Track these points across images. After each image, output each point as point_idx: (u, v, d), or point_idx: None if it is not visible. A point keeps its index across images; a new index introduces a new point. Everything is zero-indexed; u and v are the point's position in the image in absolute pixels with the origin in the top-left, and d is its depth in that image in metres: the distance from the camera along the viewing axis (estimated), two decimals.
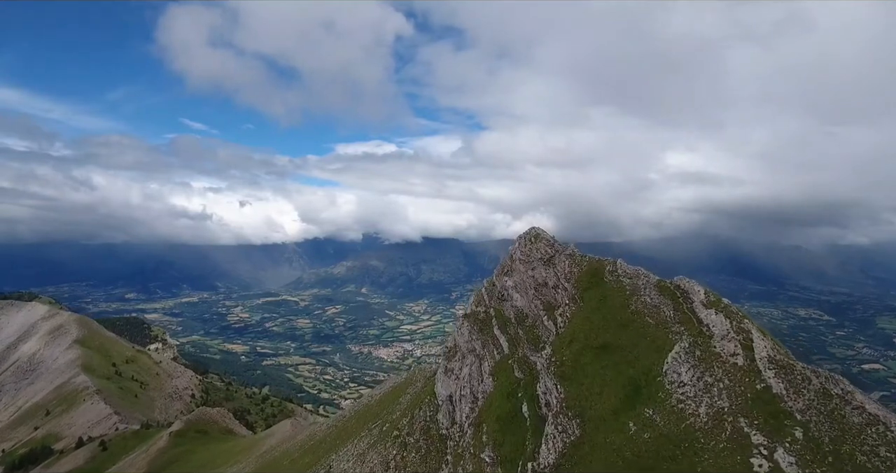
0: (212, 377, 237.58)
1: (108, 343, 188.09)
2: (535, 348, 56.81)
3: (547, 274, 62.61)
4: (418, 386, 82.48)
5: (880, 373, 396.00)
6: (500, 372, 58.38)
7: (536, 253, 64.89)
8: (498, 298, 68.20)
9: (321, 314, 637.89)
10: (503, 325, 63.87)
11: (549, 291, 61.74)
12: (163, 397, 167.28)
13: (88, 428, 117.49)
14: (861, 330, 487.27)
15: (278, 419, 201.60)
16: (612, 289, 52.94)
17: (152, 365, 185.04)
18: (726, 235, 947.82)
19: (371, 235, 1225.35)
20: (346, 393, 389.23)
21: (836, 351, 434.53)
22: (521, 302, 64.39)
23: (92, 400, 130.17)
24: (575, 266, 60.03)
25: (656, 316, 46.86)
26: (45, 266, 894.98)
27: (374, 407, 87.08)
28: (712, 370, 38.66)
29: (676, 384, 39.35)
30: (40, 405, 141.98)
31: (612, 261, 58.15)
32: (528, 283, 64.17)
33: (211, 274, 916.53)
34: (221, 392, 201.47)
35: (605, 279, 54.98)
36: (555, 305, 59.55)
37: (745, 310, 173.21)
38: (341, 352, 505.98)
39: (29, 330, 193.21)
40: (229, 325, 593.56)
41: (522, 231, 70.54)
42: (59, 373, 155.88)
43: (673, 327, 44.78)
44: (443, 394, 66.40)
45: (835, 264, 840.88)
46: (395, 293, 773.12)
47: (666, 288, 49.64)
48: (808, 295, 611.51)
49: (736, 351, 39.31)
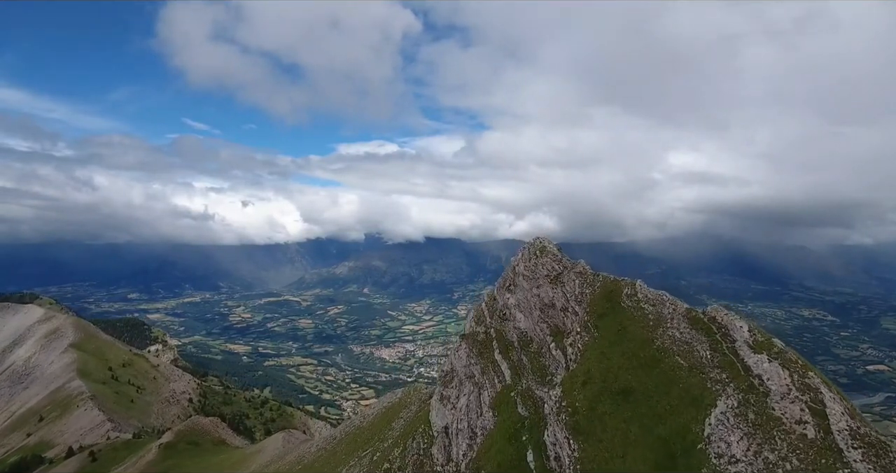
0: (211, 379, 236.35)
1: (104, 346, 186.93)
2: (541, 380, 51.21)
3: (554, 293, 56.70)
4: (412, 410, 78.08)
5: (885, 374, 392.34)
6: (501, 406, 52.67)
7: (542, 269, 59.36)
8: (499, 317, 63.16)
9: (323, 314, 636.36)
10: (505, 349, 58.48)
11: (556, 314, 56.00)
12: (160, 401, 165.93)
13: (81, 436, 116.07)
14: (866, 330, 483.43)
15: (277, 423, 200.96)
16: (632, 318, 45.60)
17: (149, 368, 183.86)
18: (730, 235, 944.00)
19: (373, 235, 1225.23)
20: (348, 394, 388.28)
21: (841, 352, 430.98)
22: (525, 324, 59.07)
23: (85, 407, 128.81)
24: (586, 286, 53.64)
25: (689, 357, 38.77)
26: (49, 266, 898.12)
27: (366, 431, 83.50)
28: (773, 442, 30.07)
29: (726, 459, 30.77)
30: (34, 410, 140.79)
31: (629, 282, 51.13)
32: (532, 303, 58.76)
33: (213, 275, 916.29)
34: (220, 396, 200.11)
35: (622, 304, 47.98)
36: (563, 331, 53.56)
37: (748, 311, 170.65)
38: (343, 353, 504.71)
39: (25, 333, 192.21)
40: (231, 325, 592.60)
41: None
42: (54, 378, 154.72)
43: (711, 373, 36.47)
44: (438, 425, 61.46)
45: (839, 264, 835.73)
46: (397, 293, 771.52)
47: (698, 321, 41.67)
48: (811, 296, 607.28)
49: (803, 417, 30.49)
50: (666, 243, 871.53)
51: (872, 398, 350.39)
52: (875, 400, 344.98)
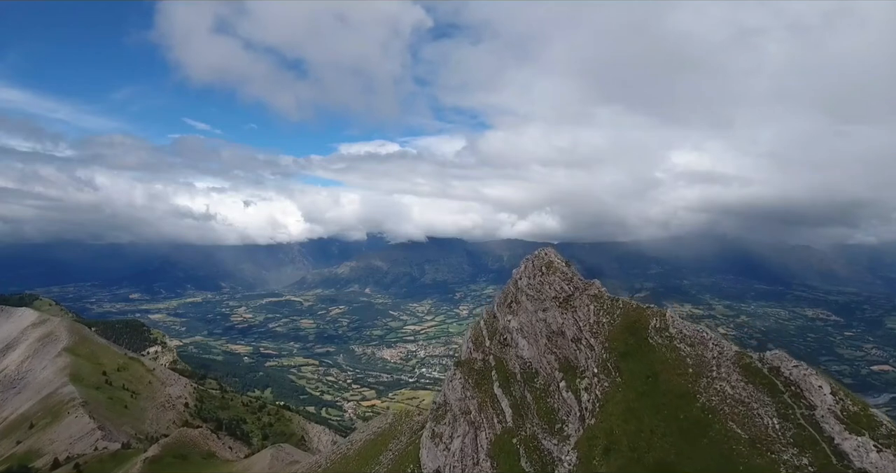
0: (209, 382, 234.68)
1: (99, 350, 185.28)
2: (548, 427, 42.41)
3: (564, 319, 47.62)
4: (402, 442, 70.66)
5: (890, 375, 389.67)
6: (501, 454, 44.62)
7: (549, 289, 50.35)
8: (500, 342, 54.84)
9: (325, 314, 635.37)
10: (506, 381, 50.36)
11: (566, 344, 46.95)
12: (154, 407, 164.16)
13: (70, 445, 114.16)
14: (870, 330, 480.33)
15: (275, 428, 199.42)
16: (665, 362, 35.87)
17: (145, 372, 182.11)
18: (733, 235, 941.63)
19: (375, 235, 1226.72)
20: (349, 395, 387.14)
21: (845, 353, 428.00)
22: (529, 353, 50.80)
23: (76, 414, 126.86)
24: (603, 313, 43.79)
25: (748, 425, 28.19)
26: (51, 266, 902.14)
27: (353, 461, 78.25)
28: None
29: None
30: (26, 416, 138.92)
31: (658, 312, 40.94)
32: (537, 329, 50.24)
33: (215, 275, 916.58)
34: (216, 400, 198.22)
35: (650, 340, 38.32)
36: (575, 366, 44.62)
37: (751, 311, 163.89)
38: (344, 353, 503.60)
39: (18, 337, 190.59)
40: (233, 326, 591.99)
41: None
42: (47, 383, 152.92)
43: (784, 453, 26.04)
44: (429, 467, 54.59)
45: (843, 264, 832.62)
46: (398, 293, 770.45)
47: (755, 372, 31.43)
48: (815, 295, 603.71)
49: None
50: (669, 242, 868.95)
51: (877, 399, 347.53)
52: (880, 401, 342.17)
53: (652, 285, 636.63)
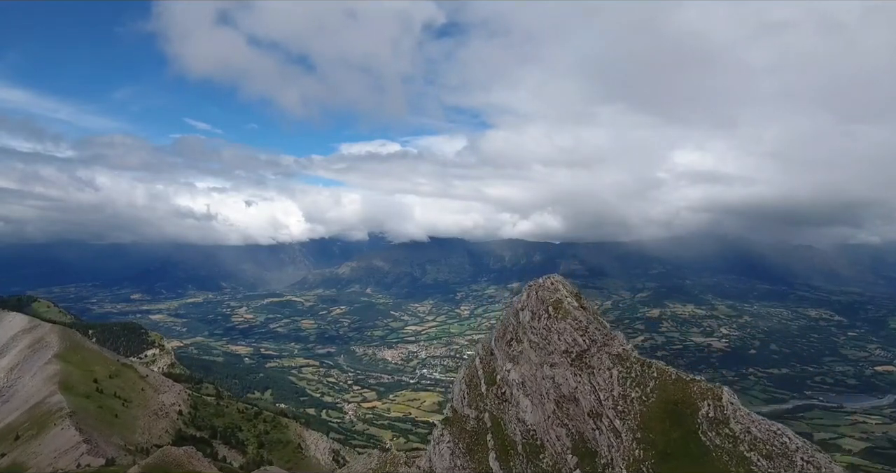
0: (206, 387, 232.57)
1: (91, 356, 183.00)
2: None
3: (577, 383, 37.09)
4: None
5: (894, 375, 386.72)
6: None
7: (559, 339, 39.37)
8: (497, 396, 43.87)
9: (326, 314, 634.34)
10: (504, 453, 39.84)
11: (580, 415, 35.90)
12: (147, 415, 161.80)
13: (54, 459, 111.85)
14: (873, 330, 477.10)
15: (271, 436, 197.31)
16: (722, 466, 26.03)
17: (138, 379, 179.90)
18: (736, 234, 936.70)
19: (376, 235, 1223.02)
20: (350, 397, 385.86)
21: (848, 353, 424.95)
22: (533, 418, 39.91)
23: (62, 425, 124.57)
24: (632, 383, 33.33)
25: None
26: (52, 266, 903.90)
27: None
28: None
29: None
30: (12, 427, 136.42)
31: (709, 391, 30.48)
32: (543, 388, 39.59)
33: (216, 275, 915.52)
34: (211, 407, 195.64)
35: (702, 436, 27.98)
36: (595, 452, 33.82)
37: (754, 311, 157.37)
38: (345, 354, 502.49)
39: (8, 343, 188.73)
40: (234, 326, 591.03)
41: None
42: (35, 392, 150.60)
43: None
44: None
45: (846, 263, 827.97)
46: (399, 293, 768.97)
47: None
48: (818, 295, 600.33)
49: None
50: (671, 242, 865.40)
51: (881, 400, 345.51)
52: (884, 402, 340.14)
53: (654, 285, 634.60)
